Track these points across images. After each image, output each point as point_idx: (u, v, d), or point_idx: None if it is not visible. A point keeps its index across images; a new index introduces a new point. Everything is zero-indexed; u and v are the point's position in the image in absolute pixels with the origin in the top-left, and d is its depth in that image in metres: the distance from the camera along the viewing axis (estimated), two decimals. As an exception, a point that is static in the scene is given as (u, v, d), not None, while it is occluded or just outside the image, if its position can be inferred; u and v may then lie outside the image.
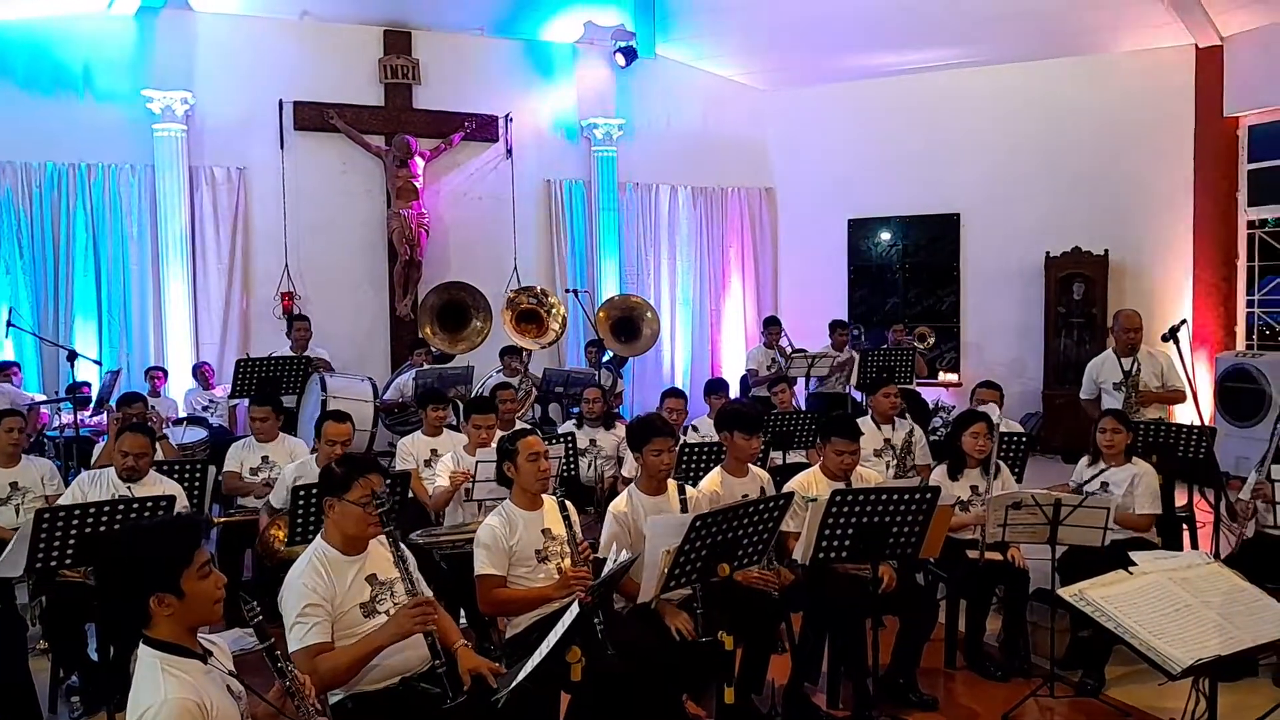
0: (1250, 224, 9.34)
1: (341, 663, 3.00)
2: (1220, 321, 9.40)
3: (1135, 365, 6.28)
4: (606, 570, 3.50)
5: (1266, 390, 8.24)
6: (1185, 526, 5.92)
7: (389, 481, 3.46)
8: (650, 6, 10.22)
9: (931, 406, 9.35)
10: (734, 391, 9.39)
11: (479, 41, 10.18)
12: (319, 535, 3.23)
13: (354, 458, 3.37)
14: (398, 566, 3.19)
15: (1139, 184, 9.82)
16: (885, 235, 11.26)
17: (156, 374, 8.54)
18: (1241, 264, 9.39)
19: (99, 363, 8.43)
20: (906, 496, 3.94)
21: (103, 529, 3.98)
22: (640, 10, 10.24)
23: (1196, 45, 9.37)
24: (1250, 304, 9.39)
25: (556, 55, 10.54)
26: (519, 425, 6.21)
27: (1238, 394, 8.44)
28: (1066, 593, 2.58)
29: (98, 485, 4.77)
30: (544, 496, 3.92)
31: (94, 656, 4.52)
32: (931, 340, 9.93)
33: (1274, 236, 9.21)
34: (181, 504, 4.57)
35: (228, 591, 2.47)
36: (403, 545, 3.28)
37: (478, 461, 4.86)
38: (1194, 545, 5.93)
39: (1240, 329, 9.41)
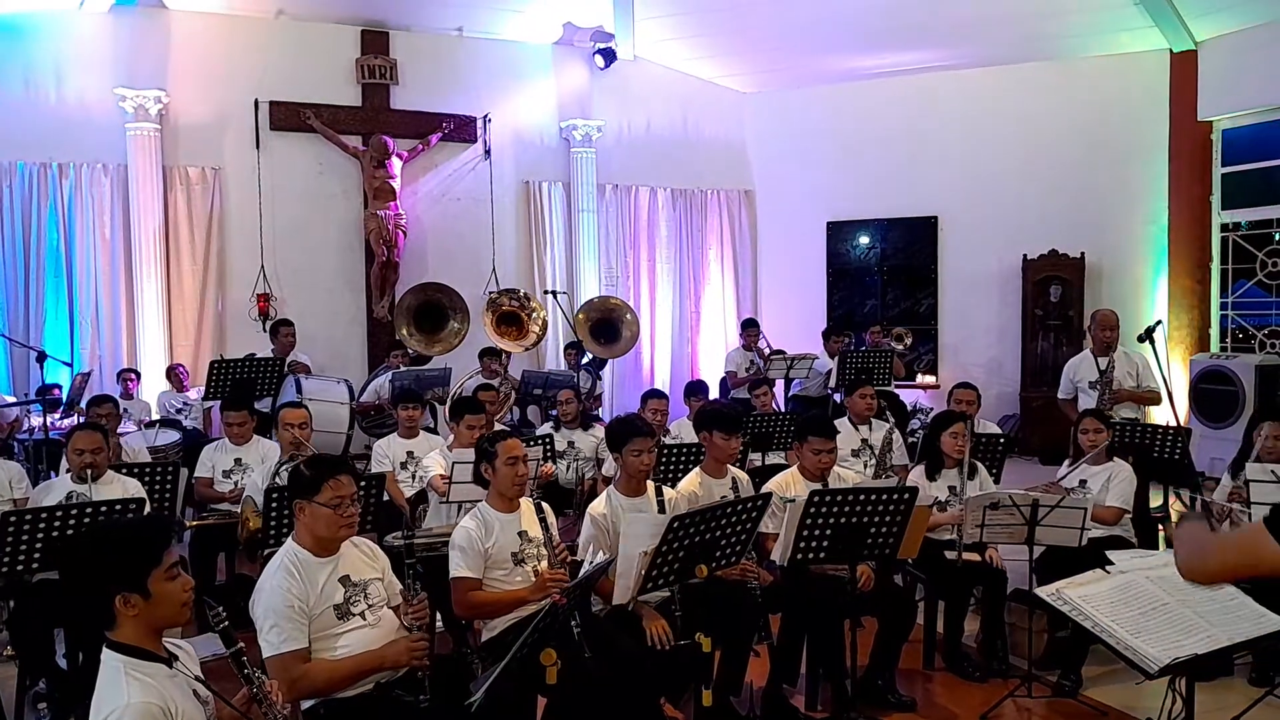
0: (1224, 227, 9.43)
1: (335, 675, 3.00)
2: (1194, 324, 9.47)
3: (1110, 364, 6.36)
4: (583, 572, 3.47)
5: (1240, 392, 8.30)
6: (1161, 526, 5.96)
7: (361, 483, 3.42)
8: (629, 8, 10.19)
9: (910, 408, 9.37)
10: (714, 394, 9.39)
11: (457, 42, 10.13)
12: (290, 537, 3.18)
13: (323, 458, 3.31)
14: (404, 585, 3.15)
15: (1115, 187, 9.90)
16: (864, 238, 11.29)
17: (129, 376, 8.43)
18: (1215, 266, 9.46)
19: (69, 364, 8.30)
20: (884, 497, 3.94)
21: (70, 532, 3.92)
22: (619, 12, 10.22)
23: (1171, 50, 9.45)
24: (1224, 306, 9.47)
25: (535, 56, 10.50)
26: (498, 427, 6.19)
27: (1212, 395, 8.50)
28: (1044, 592, 2.57)
29: (52, 492, 4.70)
30: (520, 499, 3.89)
31: (62, 663, 4.45)
32: (909, 340, 9.95)
33: (1247, 240, 9.30)
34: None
35: (195, 595, 2.43)
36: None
37: (454, 463, 4.81)
38: (1168, 545, 5.97)
39: (1214, 331, 9.49)
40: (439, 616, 4.74)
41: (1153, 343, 4.65)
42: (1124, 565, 2.60)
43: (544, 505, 3.93)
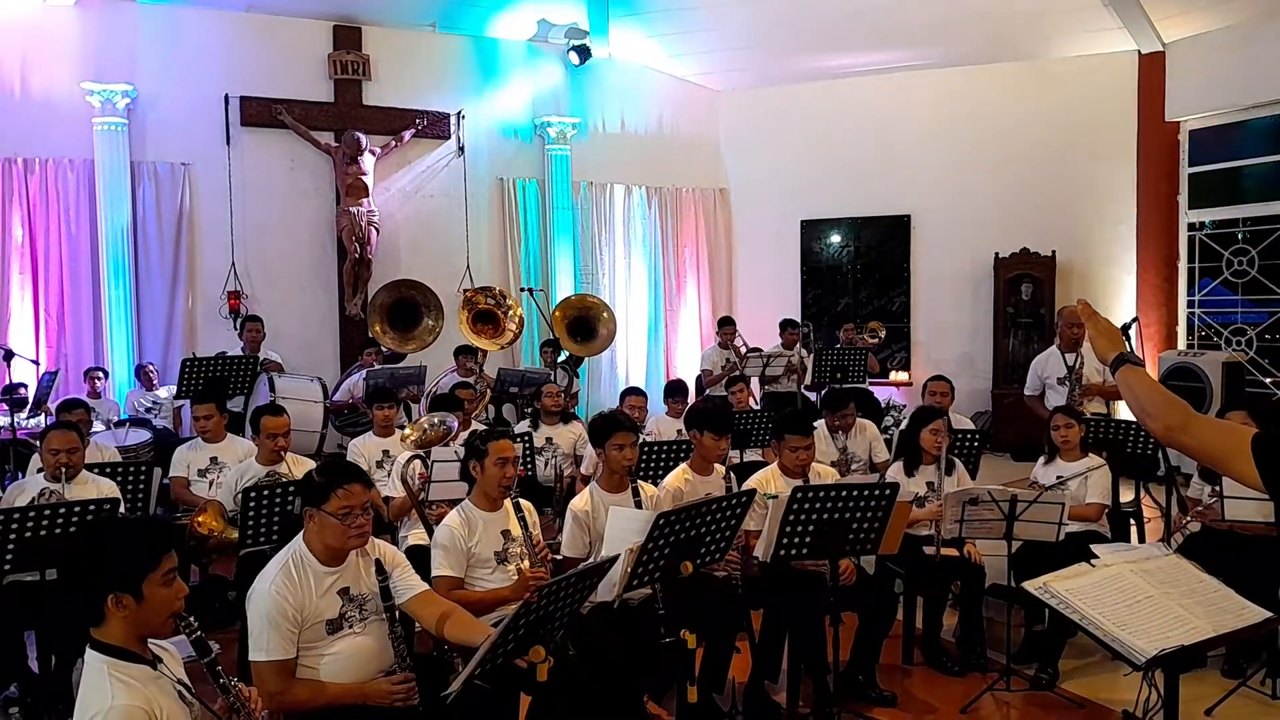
0: (1190, 226, 9.56)
1: (316, 699, 2.96)
2: (1162, 321, 9.62)
3: (1079, 360, 6.47)
4: (575, 570, 3.45)
5: (1207, 389, 8.44)
6: (1133, 521, 6.04)
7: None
8: (604, 5, 10.17)
9: (883, 405, 9.43)
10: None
11: (430, 38, 10.06)
12: (299, 536, 3.11)
13: (336, 465, 3.22)
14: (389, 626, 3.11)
15: (1085, 187, 10.02)
16: (838, 236, 11.35)
17: (96, 374, 8.29)
18: (1182, 265, 9.60)
19: (36, 363, 8.15)
20: (866, 493, 3.95)
21: (43, 533, 3.85)
22: (594, 9, 10.20)
23: (1139, 51, 9.58)
24: (1190, 304, 9.61)
25: (509, 53, 10.46)
26: (474, 426, 6.14)
27: (1180, 392, 8.53)
28: (1031, 585, 2.59)
29: (24, 492, 4.62)
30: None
31: (34, 666, 4.37)
32: (883, 334, 10.02)
33: (1212, 239, 9.45)
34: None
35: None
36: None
37: (434, 461, 4.77)
38: (1141, 539, 6.05)
39: (1181, 329, 9.63)
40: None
41: (1129, 340, 4.68)
42: (1108, 559, 2.63)
43: (522, 503, 3.90)
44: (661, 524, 3.36)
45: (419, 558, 4.77)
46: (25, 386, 7.87)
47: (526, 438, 6.15)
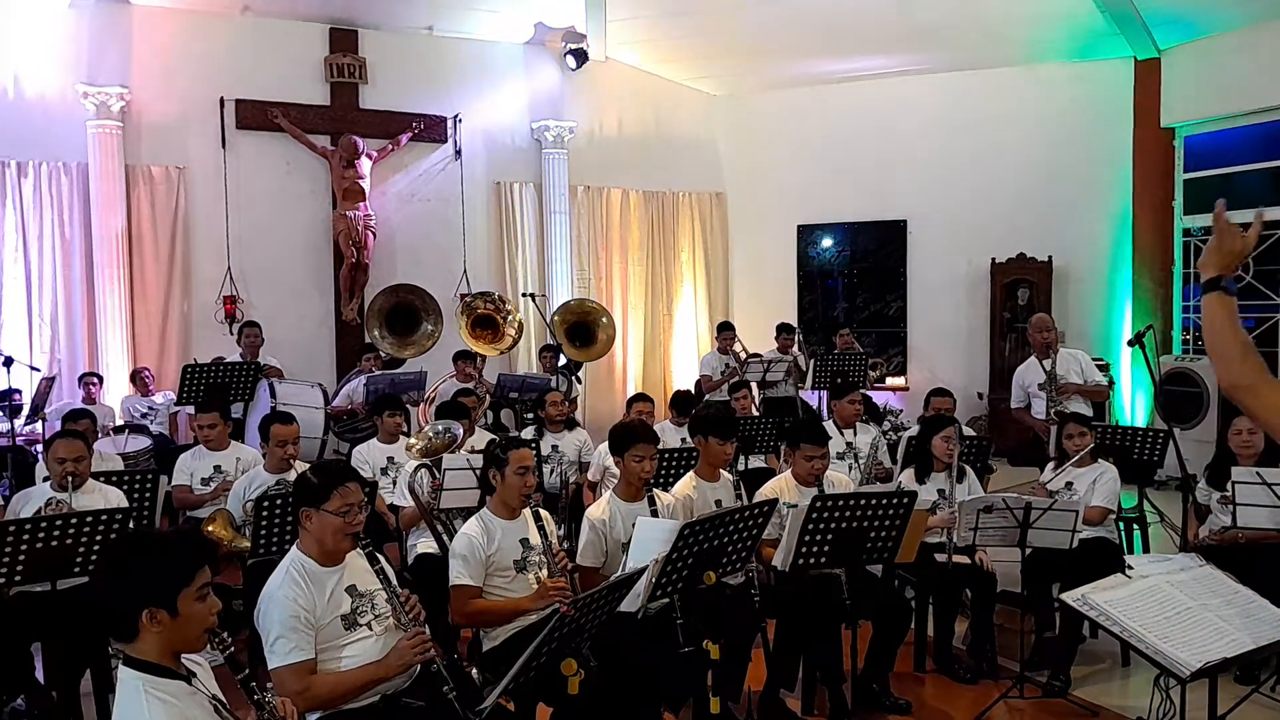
0: (1186, 232, 9.62)
1: (340, 688, 2.95)
2: (1159, 327, 9.66)
3: (1054, 364, 6.57)
4: (608, 583, 3.43)
5: (1204, 393, 8.49)
6: (1136, 527, 6.06)
7: (366, 489, 3.35)
8: (601, 9, 10.15)
9: (881, 409, 9.44)
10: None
11: (427, 41, 10.02)
12: (294, 546, 3.12)
13: (331, 466, 3.25)
14: (379, 580, 3.09)
15: (1081, 192, 10.07)
16: (834, 241, 11.37)
17: (91, 380, 8.20)
18: (1177, 270, 9.66)
19: (35, 369, 8.06)
20: (884, 501, 3.96)
21: (53, 544, 3.80)
22: (591, 12, 10.18)
23: (1135, 57, 9.64)
24: (1186, 309, 9.67)
25: (506, 56, 10.42)
26: (479, 433, 6.12)
27: (1178, 397, 8.67)
28: (1069, 597, 2.59)
29: (30, 501, 4.56)
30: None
31: (41, 678, 4.32)
32: (882, 369, 10.17)
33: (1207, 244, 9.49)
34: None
35: None
36: (380, 558, 3.17)
37: (446, 469, 4.73)
38: (1145, 547, 6.08)
39: (1176, 334, 9.68)
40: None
41: (1143, 347, 4.74)
42: (1144, 570, 2.62)
43: (541, 512, 3.88)
44: (686, 534, 3.34)
45: (429, 567, 4.78)
46: (19, 393, 7.78)
47: (534, 446, 6.11)
